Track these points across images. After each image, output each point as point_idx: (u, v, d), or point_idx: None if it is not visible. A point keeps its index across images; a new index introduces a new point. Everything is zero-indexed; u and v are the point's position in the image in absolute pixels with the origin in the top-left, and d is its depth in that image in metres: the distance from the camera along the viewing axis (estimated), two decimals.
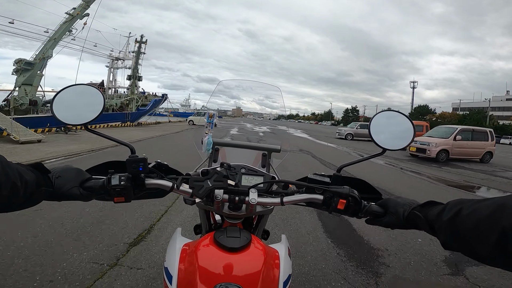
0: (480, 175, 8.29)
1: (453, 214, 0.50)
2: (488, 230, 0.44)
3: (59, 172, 0.63)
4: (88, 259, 2.20)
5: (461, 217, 0.49)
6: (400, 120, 0.76)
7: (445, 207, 0.54)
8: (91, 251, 2.34)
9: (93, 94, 0.71)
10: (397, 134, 0.75)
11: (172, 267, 0.66)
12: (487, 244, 0.44)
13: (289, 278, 0.70)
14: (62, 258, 2.20)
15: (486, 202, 0.47)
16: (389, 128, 0.75)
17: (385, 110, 0.78)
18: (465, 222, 0.48)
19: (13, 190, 0.49)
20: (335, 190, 0.68)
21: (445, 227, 0.52)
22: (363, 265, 2.47)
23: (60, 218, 2.94)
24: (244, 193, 0.73)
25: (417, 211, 0.60)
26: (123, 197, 0.66)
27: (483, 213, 0.45)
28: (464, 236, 0.48)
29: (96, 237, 2.62)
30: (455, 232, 0.50)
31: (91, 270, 2.06)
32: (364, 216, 0.70)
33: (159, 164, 0.78)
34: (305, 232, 3.09)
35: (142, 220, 3.10)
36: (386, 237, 3.08)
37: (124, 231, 2.79)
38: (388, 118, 0.76)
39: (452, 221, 0.50)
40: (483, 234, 0.45)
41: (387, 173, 7.53)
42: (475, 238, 0.46)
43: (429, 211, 0.57)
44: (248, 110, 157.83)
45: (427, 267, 2.52)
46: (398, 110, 0.79)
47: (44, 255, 2.21)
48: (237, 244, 0.64)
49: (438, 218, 0.54)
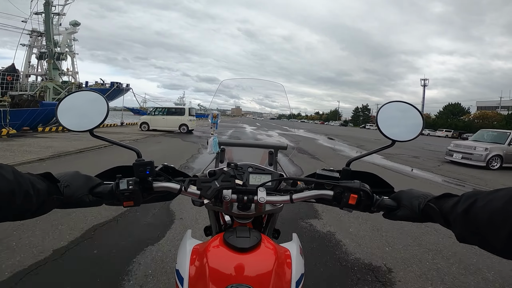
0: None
1: (467, 206, 0.49)
2: (501, 222, 0.42)
3: (68, 180, 0.64)
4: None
5: (475, 209, 0.47)
6: (408, 111, 0.74)
7: (460, 199, 0.52)
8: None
9: (97, 99, 0.72)
10: (405, 125, 0.73)
11: (183, 269, 0.66)
12: (501, 236, 0.42)
13: (302, 277, 0.69)
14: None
15: (501, 192, 0.45)
16: (397, 119, 0.73)
17: (392, 101, 0.76)
18: (479, 214, 0.46)
19: (26, 199, 0.50)
20: (345, 185, 0.67)
21: (460, 220, 0.50)
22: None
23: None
24: (252, 192, 0.72)
25: (432, 203, 0.59)
26: (132, 201, 0.66)
27: (497, 204, 0.44)
28: (478, 228, 0.47)
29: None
30: (469, 225, 0.48)
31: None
32: (377, 210, 0.68)
33: (166, 167, 0.78)
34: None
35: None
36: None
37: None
38: (396, 109, 0.74)
39: (466, 213, 0.49)
40: (496, 226, 0.43)
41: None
42: (489, 230, 0.45)
43: (444, 203, 0.56)
44: (248, 110, 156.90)
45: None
46: (405, 101, 0.77)
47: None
48: (247, 244, 0.63)
49: (453, 210, 0.52)
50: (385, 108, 0.75)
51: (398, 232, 3.14)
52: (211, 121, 1.53)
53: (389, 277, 2.24)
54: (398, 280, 2.20)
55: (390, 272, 2.30)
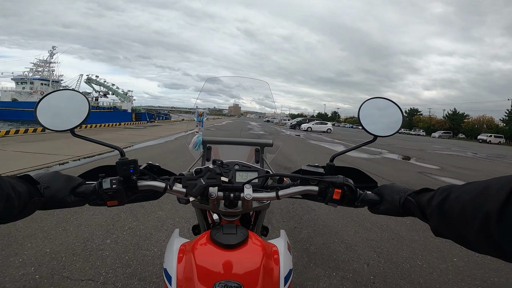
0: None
1: (441, 199, 0.49)
2: (472, 214, 0.42)
3: (47, 181, 0.62)
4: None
5: (448, 202, 0.48)
6: (388, 107, 0.76)
7: (435, 193, 0.53)
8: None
9: (77, 99, 0.71)
10: (386, 120, 0.75)
11: (171, 268, 0.65)
12: (472, 229, 0.42)
13: (291, 273, 0.69)
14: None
15: (473, 185, 0.46)
16: (378, 115, 0.75)
17: (374, 97, 0.78)
18: (452, 207, 0.47)
19: (8, 202, 0.49)
20: (330, 180, 0.68)
21: (435, 213, 0.51)
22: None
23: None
24: (238, 189, 0.72)
25: (411, 197, 0.60)
26: (116, 201, 0.65)
27: (468, 196, 0.44)
28: (451, 221, 0.47)
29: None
30: (443, 218, 0.49)
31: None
32: (361, 205, 0.70)
33: (151, 166, 0.77)
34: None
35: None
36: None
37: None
38: (376, 105, 0.76)
39: (440, 206, 0.49)
40: (468, 219, 0.43)
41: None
42: (461, 223, 0.45)
43: (422, 197, 0.57)
44: (248, 110, 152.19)
45: None
46: (385, 96, 0.79)
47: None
48: (233, 240, 0.63)
49: (429, 204, 0.53)
50: (367, 104, 0.76)
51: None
52: (197, 119, 1.52)
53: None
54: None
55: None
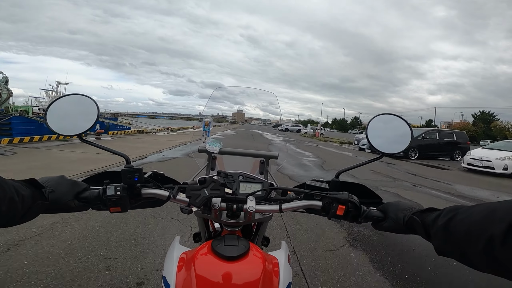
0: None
1: (448, 219, 0.50)
2: (477, 236, 0.43)
3: (52, 186, 0.63)
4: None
5: (454, 222, 0.49)
6: (397, 124, 0.76)
7: (441, 213, 0.54)
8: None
9: (87, 103, 0.72)
10: (394, 138, 0.75)
11: (170, 276, 0.65)
12: (476, 250, 0.43)
13: (290, 286, 0.69)
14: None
15: (480, 207, 0.46)
16: (386, 132, 0.75)
17: (382, 114, 0.77)
18: (458, 227, 0.47)
19: (11, 205, 0.50)
20: (334, 196, 0.68)
21: (440, 232, 0.51)
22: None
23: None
24: (242, 201, 0.72)
25: (416, 216, 0.60)
26: (119, 207, 0.65)
27: (475, 218, 0.45)
28: (456, 241, 0.48)
29: None
30: (448, 237, 0.49)
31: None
32: (364, 221, 0.69)
33: (156, 174, 0.78)
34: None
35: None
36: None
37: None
38: (385, 121, 0.76)
39: (446, 226, 0.50)
40: (473, 240, 0.44)
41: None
42: (466, 244, 0.46)
43: (427, 217, 0.57)
44: (252, 116, 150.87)
45: None
46: (397, 113, 0.79)
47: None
48: (235, 252, 0.63)
49: (434, 223, 0.53)
50: (375, 120, 0.76)
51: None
52: (203, 129, 1.53)
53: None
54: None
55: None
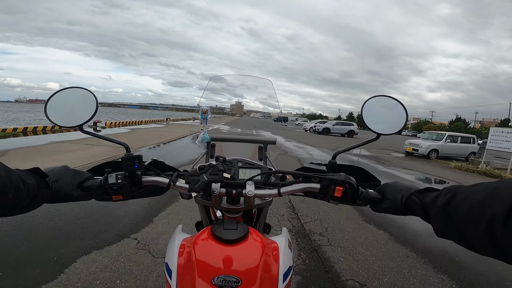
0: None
1: (447, 200, 0.48)
2: (478, 216, 0.41)
3: (56, 175, 0.64)
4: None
5: (454, 203, 0.47)
6: (392, 105, 0.75)
7: (440, 193, 0.52)
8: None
9: (85, 95, 0.73)
10: (389, 118, 0.74)
11: (172, 262, 0.67)
12: (477, 231, 0.41)
13: (290, 270, 0.70)
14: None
15: (481, 186, 0.45)
16: (381, 113, 0.75)
17: (376, 95, 0.77)
18: (458, 208, 0.46)
19: (17, 194, 0.51)
20: (331, 177, 0.68)
21: (439, 213, 0.50)
22: None
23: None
24: (241, 186, 0.73)
25: (415, 197, 0.59)
26: (121, 195, 0.67)
27: (476, 198, 0.43)
28: (456, 222, 0.46)
29: None
30: (448, 219, 0.48)
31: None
32: (362, 203, 0.69)
33: (156, 162, 0.79)
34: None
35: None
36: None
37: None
38: (380, 103, 0.76)
39: (446, 207, 0.48)
40: (473, 221, 0.42)
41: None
42: (466, 225, 0.44)
43: (426, 197, 0.56)
44: (251, 109, 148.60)
45: None
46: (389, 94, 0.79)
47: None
48: (234, 236, 0.64)
49: (433, 204, 0.52)
50: (370, 102, 0.76)
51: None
52: (201, 117, 1.54)
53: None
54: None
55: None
